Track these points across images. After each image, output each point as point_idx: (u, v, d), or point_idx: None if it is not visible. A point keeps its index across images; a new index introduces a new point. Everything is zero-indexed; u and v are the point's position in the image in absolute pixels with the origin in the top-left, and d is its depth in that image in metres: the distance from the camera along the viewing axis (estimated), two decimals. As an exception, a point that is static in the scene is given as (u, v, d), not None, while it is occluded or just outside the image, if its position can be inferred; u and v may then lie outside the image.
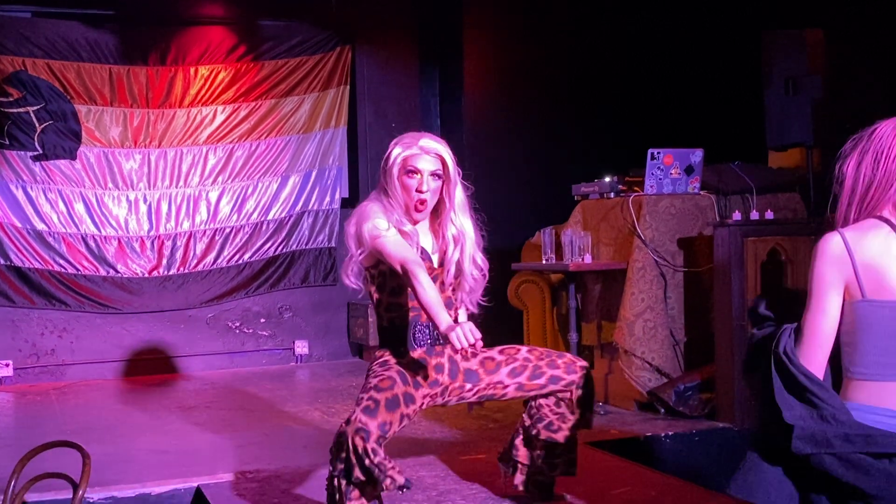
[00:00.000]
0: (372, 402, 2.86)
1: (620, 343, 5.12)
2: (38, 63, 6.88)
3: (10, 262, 6.79)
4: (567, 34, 7.69)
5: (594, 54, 7.76)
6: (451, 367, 3.13)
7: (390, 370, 3.01)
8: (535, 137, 7.59)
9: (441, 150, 3.13)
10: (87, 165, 7.00)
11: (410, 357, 3.09)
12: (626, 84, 7.84)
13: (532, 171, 7.56)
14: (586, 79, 7.73)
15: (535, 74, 7.62)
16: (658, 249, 5.10)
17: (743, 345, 4.74)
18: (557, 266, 5.34)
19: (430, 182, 3.12)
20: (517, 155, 7.54)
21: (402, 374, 3.02)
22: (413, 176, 3.10)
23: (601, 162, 6.35)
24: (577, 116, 7.72)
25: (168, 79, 7.17)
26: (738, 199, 5.26)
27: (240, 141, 7.36)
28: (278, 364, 7.45)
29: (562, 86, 7.67)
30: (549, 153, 7.58)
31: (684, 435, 4.64)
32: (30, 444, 2.92)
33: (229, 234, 7.32)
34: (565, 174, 6.65)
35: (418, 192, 3.10)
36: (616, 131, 7.72)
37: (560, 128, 7.66)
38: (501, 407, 5.42)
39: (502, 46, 7.56)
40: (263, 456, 4.41)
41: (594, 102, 7.75)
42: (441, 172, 3.14)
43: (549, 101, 7.65)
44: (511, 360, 3.18)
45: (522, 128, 7.57)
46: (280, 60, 7.41)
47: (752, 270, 4.81)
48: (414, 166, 3.09)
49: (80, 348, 6.99)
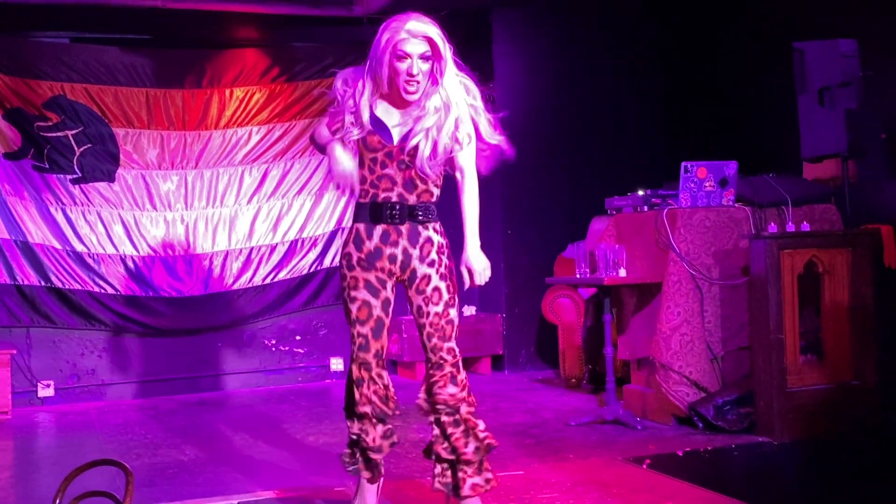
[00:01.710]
0: (363, 339, 3.37)
1: (657, 357, 5.07)
2: (77, 87, 6.98)
3: (50, 283, 6.88)
4: (598, 48, 7.70)
5: (625, 67, 7.76)
6: (404, 261, 3.37)
7: (358, 286, 3.35)
8: (565, 152, 7.59)
9: (429, 31, 3.21)
10: (126, 187, 7.09)
11: (369, 248, 3.35)
12: (658, 97, 7.83)
13: (563, 185, 7.56)
14: (617, 93, 7.73)
15: (566, 88, 7.63)
16: (693, 262, 5.06)
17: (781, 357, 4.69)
18: (592, 280, 5.32)
19: (421, 64, 3.22)
20: (548, 169, 7.54)
21: (369, 283, 3.35)
22: (403, 60, 3.20)
23: (632, 175, 6.34)
24: (609, 130, 7.72)
25: (204, 101, 7.26)
26: (773, 211, 5.20)
27: (274, 161, 7.42)
28: (313, 381, 7.48)
29: (592, 100, 7.67)
30: (580, 167, 7.58)
31: (723, 450, 4.59)
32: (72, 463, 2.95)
33: (265, 252, 7.38)
34: (596, 188, 6.64)
35: (409, 75, 3.21)
36: (647, 145, 7.71)
37: (591, 142, 7.66)
38: (538, 423, 5.40)
39: (532, 61, 7.57)
40: (302, 473, 4.42)
41: (625, 116, 7.75)
42: (430, 54, 3.23)
43: (579, 116, 7.65)
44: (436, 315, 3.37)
45: (553, 142, 7.57)
46: (313, 81, 7.47)
47: (789, 283, 4.76)
48: (403, 51, 3.19)
49: (119, 368, 7.05)
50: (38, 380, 6.82)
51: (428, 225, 3.37)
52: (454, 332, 3.38)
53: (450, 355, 3.37)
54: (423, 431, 5.20)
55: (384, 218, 3.33)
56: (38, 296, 6.87)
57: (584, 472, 4.20)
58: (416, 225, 3.35)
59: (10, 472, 4.82)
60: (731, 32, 7.27)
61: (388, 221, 3.33)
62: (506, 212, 7.50)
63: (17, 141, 6.84)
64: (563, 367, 6.76)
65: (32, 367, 6.83)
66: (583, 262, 5.37)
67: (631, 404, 5.45)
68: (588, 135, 7.66)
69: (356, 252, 3.37)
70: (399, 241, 3.34)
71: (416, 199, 3.35)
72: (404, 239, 3.34)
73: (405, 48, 3.18)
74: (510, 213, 7.51)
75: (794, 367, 4.76)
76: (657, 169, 6.78)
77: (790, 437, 4.69)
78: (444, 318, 3.35)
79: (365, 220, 3.36)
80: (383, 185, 3.33)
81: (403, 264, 3.36)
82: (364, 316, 3.35)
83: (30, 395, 6.80)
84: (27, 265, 6.84)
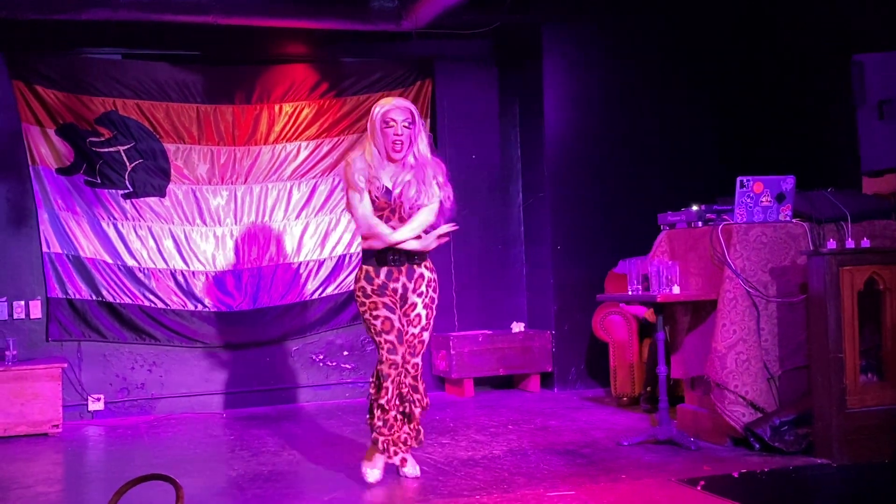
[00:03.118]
0: (391, 344, 4.33)
1: (712, 376, 4.99)
2: (128, 103, 7.08)
3: (101, 297, 6.97)
4: (649, 62, 7.64)
5: (677, 81, 7.69)
6: (403, 293, 4.42)
7: (378, 308, 4.35)
8: (617, 166, 7.54)
9: (409, 105, 4.40)
10: (176, 202, 7.17)
11: (378, 283, 4.38)
12: (711, 111, 7.74)
13: (614, 199, 7.50)
14: (668, 106, 7.66)
15: (616, 102, 7.58)
16: (749, 279, 4.98)
17: (840, 376, 4.59)
18: (645, 297, 5.25)
19: (403, 128, 4.32)
20: (598, 184, 7.50)
21: (386, 304, 4.35)
22: (390, 124, 4.32)
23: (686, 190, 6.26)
24: (660, 144, 7.65)
25: (253, 116, 7.32)
26: (832, 227, 5.10)
27: (323, 175, 7.46)
28: (361, 397, 7.46)
29: (643, 114, 7.62)
30: (632, 181, 7.52)
31: (780, 471, 4.50)
32: (122, 478, 2.97)
33: (313, 267, 7.41)
34: (648, 203, 6.58)
35: (395, 135, 4.31)
36: (701, 159, 7.63)
37: (642, 156, 7.60)
38: (589, 442, 5.34)
39: (583, 75, 7.54)
40: (352, 488, 4.41)
41: (678, 130, 7.67)
42: (409, 122, 4.34)
43: (631, 130, 7.60)
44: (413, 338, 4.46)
45: (604, 156, 7.53)
46: (362, 96, 7.51)
47: (849, 300, 4.66)
48: (390, 117, 4.33)
49: (169, 382, 7.12)
50: (88, 393, 6.91)
51: (421, 264, 4.45)
52: (423, 349, 4.48)
53: (413, 369, 4.45)
54: (470, 450, 5.18)
55: (388, 262, 4.38)
56: (90, 310, 6.96)
57: (637, 493, 4.14)
58: (412, 265, 4.42)
59: (60, 486, 4.88)
60: (788, 44, 7.19)
61: (391, 265, 4.38)
62: (555, 227, 7.46)
63: (70, 156, 6.95)
64: (614, 386, 6.69)
65: (83, 381, 6.92)
66: (635, 279, 5.31)
67: (685, 424, 5.37)
68: (640, 149, 7.60)
69: (369, 285, 4.39)
70: (400, 278, 4.40)
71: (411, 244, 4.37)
72: (403, 276, 4.41)
73: (391, 115, 4.32)
74: (559, 228, 7.47)
75: (853, 387, 4.66)
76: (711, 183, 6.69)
77: (850, 459, 4.59)
78: (417, 339, 4.45)
79: (372, 263, 4.40)
80: None
81: (402, 296, 4.42)
82: (388, 327, 4.34)
83: (80, 409, 6.89)
84: (79, 279, 6.93)
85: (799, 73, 7.03)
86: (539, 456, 5.01)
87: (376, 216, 4.38)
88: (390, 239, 4.35)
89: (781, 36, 7.21)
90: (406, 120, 4.32)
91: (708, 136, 7.73)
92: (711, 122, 7.74)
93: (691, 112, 7.69)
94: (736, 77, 7.69)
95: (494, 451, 5.19)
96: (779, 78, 7.33)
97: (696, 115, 7.70)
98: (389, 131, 4.30)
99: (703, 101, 7.72)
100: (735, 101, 7.69)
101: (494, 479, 4.51)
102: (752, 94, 7.62)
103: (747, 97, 7.64)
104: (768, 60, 7.46)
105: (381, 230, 4.36)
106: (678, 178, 7.41)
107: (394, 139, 4.31)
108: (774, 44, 7.39)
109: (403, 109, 4.33)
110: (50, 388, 6.38)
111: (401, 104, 4.36)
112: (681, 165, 7.58)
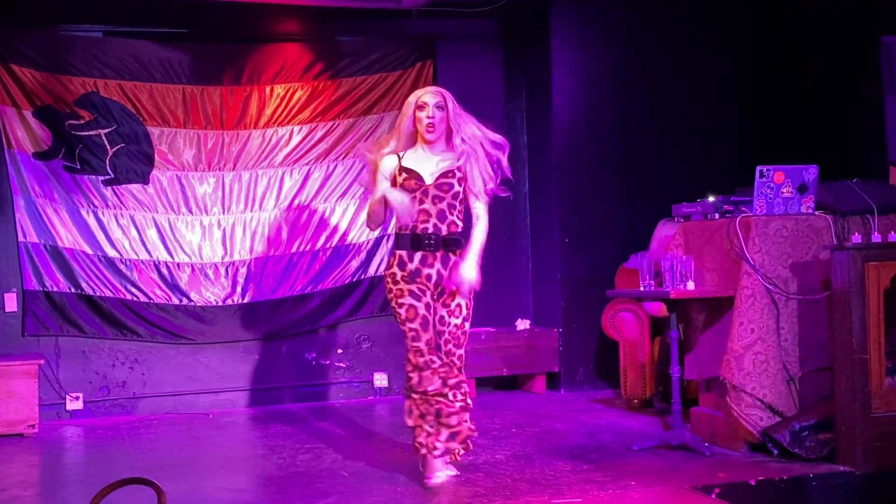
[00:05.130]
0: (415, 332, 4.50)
1: (728, 378, 5.00)
2: (110, 84, 7.07)
3: (80, 290, 6.96)
4: (663, 44, 7.63)
5: (692, 65, 7.67)
6: (437, 281, 4.56)
7: (404, 295, 4.52)
8: (628, 154, 7.53)
9: (441, 90, 4.66)
10: (160, 189, 7.15)
11: (410, 268, 4.53)
12: (730, 95, 7.73)
13: (625, 189, 7.49)
14: (684, 90, 7.65)
15: (628, 86, 7.57)
16: (769, 275, 4.98)
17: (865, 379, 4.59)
18: (658, 293, 5.25)
19: (436, 112, 4.55)
20: (608, 173, 7.49)
21: (412, 292, 4.52)
22: (423, 108, 4.57)
23: (702, 180, 6.26)
24: (673, 132, 7.63)
25: (243, 99, 7.30)
26: (857, 220, 5.10)
27: (317, 162, 7.45)
28: (356, 397, 7.48)
29: (657, 99, 7.60)
30: (644, 171, 7.51)
31: (800, 479, 4.51)
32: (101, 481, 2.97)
33: (306, 259, 7.39)
34: (662, 193, 6.57)
35: (429, 117, 4.54)
36: (718, 147, 7.62)
37: (656, 143, 7.59)
38: (597, 447, 5.35)
39: (594, 56, 7.52)
40: (346, 493, 4.41)
41: (693, 116, 7.66)
42: (443, 104, 4.57)
43: (644, 115, 7.58)
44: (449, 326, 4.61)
45: (614, 144, 7.52)
46: (358, 78, 7.49)
47: (874, 298, 4.66)
48: (423, 101, 4.58)
49: (151, 380, 7.12)
50: (66, 392, 6.91)
51: (457, 251, 4.60)
52: (465, 341, 4.65)
53: (459, 360, 4.61)
54: (471, 454, 5.18)
55: (423, 246, 4.53)
56: (68, 303, 6.96)
57: (648, 501, 4.16)
58: (447, 252, 4.57)
59: (36, 490, 4.89)
60: (812, 25, 7.17)
61: (425, 249, 4.53)
62: (563, 219, 7.45)
63: (48, 140, 6.94)
64: (624, 387, 6.69)
65: (61, 379, 6.92)
66: (647, 274, 5.31)
67: (698, 428, 5.38)
68: (653, 136, 7.58)
69: (400, 271, 4.55)
70: (435, 264, 4.55)
71: (447, 228, 4.55)
72: (438, 262, 4.55)
73: (423, 99, 4.58)
74: (567, 219, 7.46)
75: (879, 391, 4.66)
76: (729, 173, 6.70)
77: (874, 466, 4.59)
78: (460, 329, 4.61)
79: (406, 247, 4.56)
80: (421, 218, 4.53)
81: (437, 283, 4.56)
82: (412, 315, 4.52)
83: (58, 408, 6.90)
84: (56, 271, 6.93)
85: (824, 55, 7.01)
86: (544, 461, 5.01)
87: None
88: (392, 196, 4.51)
89: (805, 14, 7.19)
90: (438, 103, 4.57)
91: (726, 122, 7.72)
92: (729, 108, 7.73)
93: (708, 97, 7.68)
94: (756, 59, 7.68)
95: (497, 455, 5.20)
96: (802, 60, 7.31)
97: (713, 100, 7.69)
98: (422, 115, 4.56)
99: (721, 84, 7.71)
100: (755, 86, 7.68)
101: (496, 485, 4.52)
102: (773, 77, 7.60)
103: (768, 81, 7.62)
104: (791, 41, 7.43)
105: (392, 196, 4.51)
106: (694, 166, 7.41)
107: (428, 122, 4.55)
108: (798, 23, 7.37)
109: (435, 93, 4.62)
110: (26, 387, 6.38)
111: (433, 88, 4.73)
112: (697, 153, 7.58)
